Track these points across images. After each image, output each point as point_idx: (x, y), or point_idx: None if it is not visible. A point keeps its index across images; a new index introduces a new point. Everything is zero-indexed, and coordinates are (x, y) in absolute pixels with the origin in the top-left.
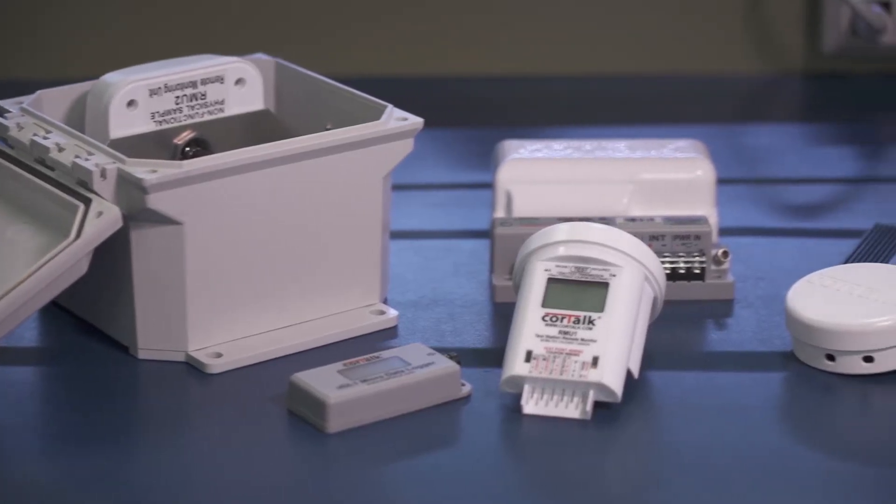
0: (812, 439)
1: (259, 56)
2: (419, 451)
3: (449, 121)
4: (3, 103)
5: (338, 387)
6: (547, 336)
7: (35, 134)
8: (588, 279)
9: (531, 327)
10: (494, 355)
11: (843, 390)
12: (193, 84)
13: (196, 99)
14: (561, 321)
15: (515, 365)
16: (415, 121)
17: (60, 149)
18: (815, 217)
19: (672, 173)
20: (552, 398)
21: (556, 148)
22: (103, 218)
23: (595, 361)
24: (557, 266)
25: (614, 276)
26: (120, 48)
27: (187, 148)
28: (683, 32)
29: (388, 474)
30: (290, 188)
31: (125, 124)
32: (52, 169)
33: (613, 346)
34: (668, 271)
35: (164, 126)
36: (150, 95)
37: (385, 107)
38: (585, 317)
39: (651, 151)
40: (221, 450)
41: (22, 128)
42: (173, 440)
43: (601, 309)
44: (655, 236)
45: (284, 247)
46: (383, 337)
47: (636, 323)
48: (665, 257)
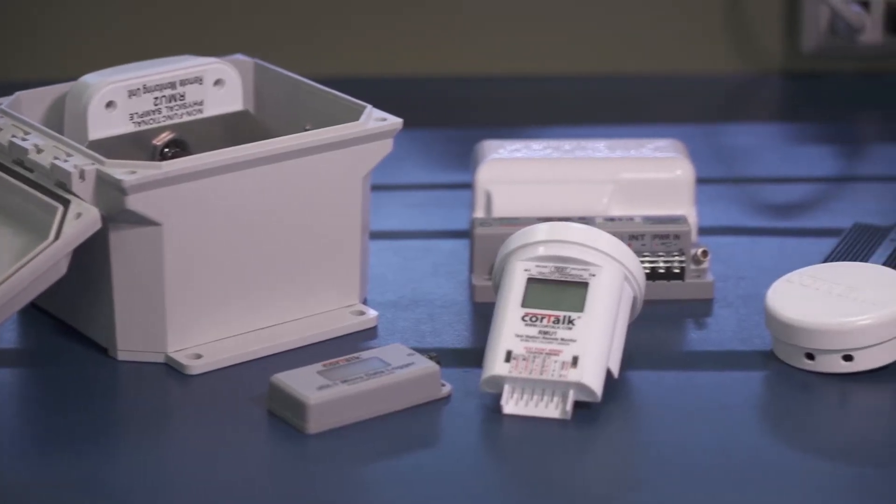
0: (792, 438)
1: (238, 57)
2: (399, 452)
3: (428, 121)
4: None
5: (318, 387)
6: (527, 336)
7: (13, 135)
8: (568, 279)
9: (511, 327)
10: (474, 355)
11: (823, 389)
12: (172, 85)
13: (175, 100)
14: (541, 321)
15: (495, 365)
16: (394, 121)
17: (39, 150)
18: (795, 216)
19: (651, 173)
20: (532, 398)
21: (536, 148)
22: (82, 219)
23: (575, 361)
24: (537, 266)
25: (594, 276)
26: (98, 49)
27: (166, 149)
28: (663, 32)
29: (369, 475)
30: (270, 189)
31: (104, 125)
32: (31, 170)
33: (593, 346)
34: (648, 271)
35: (143, 127)
36: (129, 96)
37: (364, 107)
38: (565, 316)
39: (630, 151)
40: (201, 451)
41: (0, 129)
42: (153, 442)
43: (581, 309)
44: (635, 236)
45: (264, 247)
46: (363, 337)
47: (616, 322)
48: (645, 257)
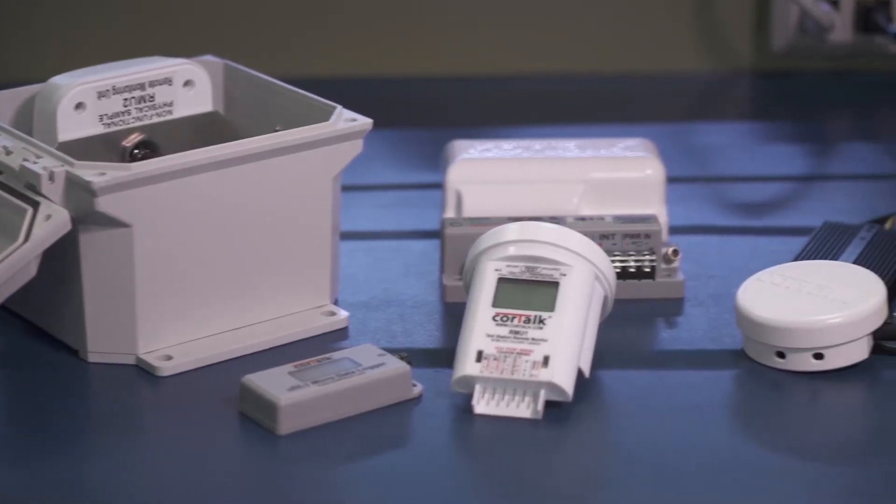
0: (762, 437)
1: (207, 58)
2: (371, 452)
3: (398, 121)
4: None
5: (289, 388)
6: (498, 336)
7: None
8: (538, 279)
9: (482, 327)
10: (445, 355)
11: (794, 387)
12: (142, 86)
13: (144, 101)
14: (511, 321)
15: (466, 365)
16: (364, 121)
17: (8, 152)
18: (765, 215)
19: (622, 172)
20: (503, 398)
21: (506, 148)
22: (52, 221)
23: (546, 361)
24: (508, 266)
25: (564, 276)
26: (68, 50)
27: (136, 150)
28: (632, 31)
29: (340, 475)
30: (240, 190)
31: (73, 127)
32: (0, 172)
33: (564, 346)
34: (619, 270)
35: (113, 128)
36: (99, 98)
37: (334, 108)
38: (536, 316)
39: (601, 150)
40: (172, 453)
41: None
42: (124, 443)
43: (552, 308)
44: (605, 235)
45: (234, 249)
46: (334, 338)
47: (587, 322)
48: (615, 256)
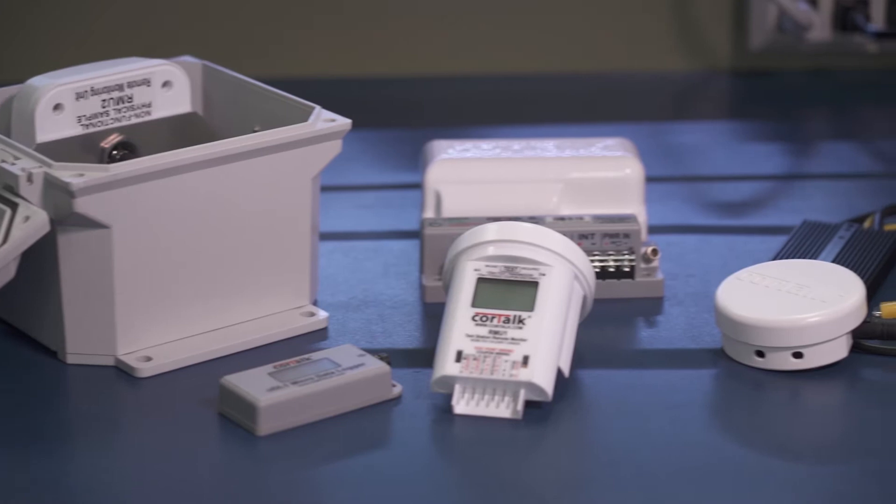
0: (742, 436)
1: (186, 58)
2: (351, 453)
3: (377, 121)
4: None
5: (268, 389)
6: (477, 336)
7: None
8: (518, 278)
9: (461, 327)
10: (425, 356)
11: (773, 386)
12: (120, 87)
13: (123, 102)
14: (491, 321)
15: (446, 365)
16: (343, 122)
17: None
18: (744, 214)
19: (601, 172)
20: (483, 398)
21: (485, 148)
22: (30, 222)
23: (525, 360)
24: (487, 266)
25: (544, 276)
26: (46, 52)
27: (114, 151)
28: (611, 31)
29: (320, 476)
30: (219, 191)
31: (52, 128)
32: None
33: (544, 345)
34: (598, 269)
35: (91, 130)
36: (77, 99)
37: (313, 108)
38: (515, 316)
39: (580, 150)
40: (152, 454)
41: None
42: (103, 445)
43: (531, 308)
44: (585, 235)
45: (213, 249)
46: (314, 339)
47: (566, 322)
48: (594, 256)
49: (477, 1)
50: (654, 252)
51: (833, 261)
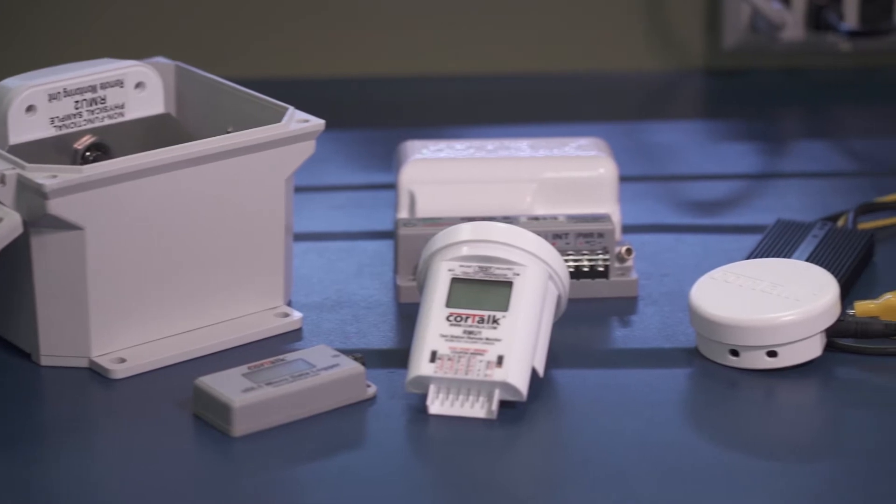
0: (716, 435)
1: (159, 59)
2: (325, 454)
3: (350, 122)
4: None
5: (242, 390)
6: (451, 336)
7: None
8: (492, 278)
9: (436, 327)
10: (399, 356)
11: (747, 385)
12: (93, 88)
13: (96, 103)
14: (465, 321)
15: (420, 365)
16: (316, 122)
17: None
18: (718, 213)
19: (575, 171)
20: (458, 398)
21: (459, 148)
22: (3, 224)
23: (500, 360)
24: (461, 266)
25: (518, 275)
26: (18, 53)
27: (87, 153)
28: (584, 30)
29: (295, 477)
30: (192, 192)
31: (24, 130)
32: None
33: (518, 345)
34: (572, 269)
35: (64, 131)
36: (50, 100)
37: (286, 109)
38: (490, 316)
39: (553, 150)
40: (126, 456)
41: None
42: (77, 447)
43: (505, 308)
44: (559, 234)
45: (187, 250)
46: (288, 339)
47: (540, 321)
48: (569, 255)
49: (450, 2)
50: (629, 251)
51: (807, 259)
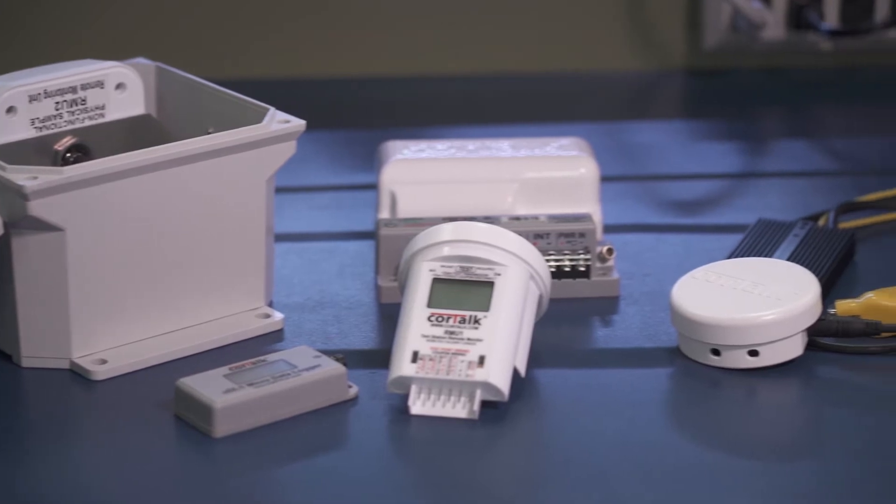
0: (698, 434)
1: (139, 60)
2: (307, 454)
3: (331, 122)
4: None
5: (224, 391)
6: (433, 336)
7: None
8: (473, 279)
9: (417, 328)
10: (381, 356)
11: (729, 384)
12: (73, 89)
13: (76, 104)
14: (447, 321)
15: (402, 365)
16: (297, 123)
17: None
18: (699, 213)
19: (556, 171)
20: (439, 398)
21: (440, 148)
22: None
23: (481, 361)
24: (442, 266)
25: (499, 276)
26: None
27: (68, 154)
28: (565, 30)
29: (277, 478)
30: (173, 192)
31: (5, 131)
32: None
33: (499, 345)
34: (554, 269)
35: (45, 132)
36: (30, 101)
37: (267, 109)
38: (471, 316)
39: (535, 150)
40: (108, 457)
41: None
42: (59, 448)
43: (487, 308)
44: (540, 234)
45: (168, 251)
46: (269, 340)
47: (522, 321)
48: (550, 255)
49: (430, 2)
50: (610, 251)
51: (788, 259)
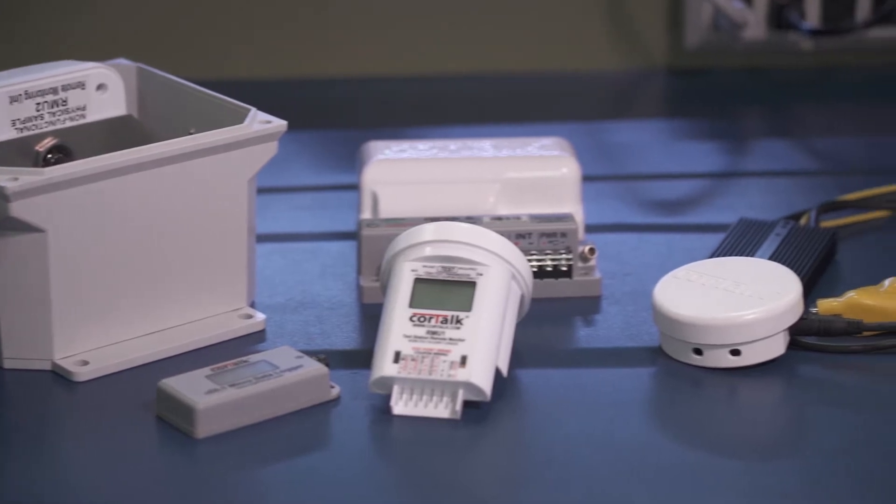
0: (680, 433)
1: (120, 61)
2: (290, 455)
3: (312, 123)
4: None
5: (206, 392)
6: (415, 336)
7: None
8: (455, 279)
9: (399, 328)
10: (363, 357)
11: (711, 384)
12: (54, 90)
13: (57, 105)
14: (429, 321)
15: (384, 366)
16: (278, 123)
17: None
18: (681, 212)
19: (538, 171)
20: (421, 398)
21: (422, 148)
22: None
23: (463, 361)
24: (424, 266)
25: (481, 275)
26: None
27: (49, 155)
28: (546, 30)
29: (259, 478)
30: (155, 193)
31: None
32: None
33: (481, 345)
34: (536, 269)
35: (26, 133)
36: (11, 103)
37: (248, 110)
38: (453, 316)
39: (516, 150)
40: (90, 459)
41: None
42: (41, 450)
43: (469, 308)
44: (522, 234)
45: (150, 252)
46: (251, 341)
47: (504, 321)
48: (532, 255)
49: (410, 2)
50: (592, 251)
51: (770, 258)
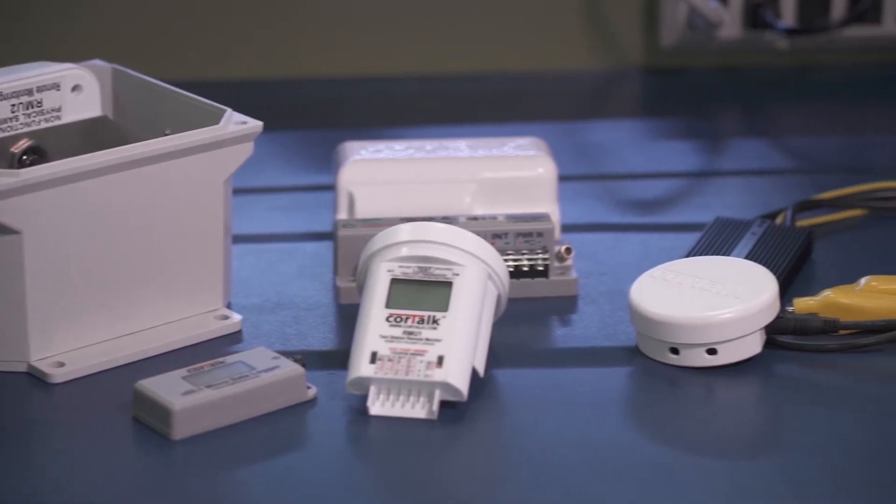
0: (657, 433)
1: (95, 62)
2: (266, 456)
3: (288, 123)
4: None
5: (182, 393)
6: (392, 337)
7: None
8: (431, 279)
9: (376, 328)
10: (340, 357)
11: (688, 383)
12: (29, 91)
13: (32, 107)
14: (405, 321)
15: (361, 366)
16: (254, 124)
17: None
18: (657, 212)
19: (513, 171)
20: (398, 399)
21: (398, 148)
22: None
23: (440, 361)
24: (400, 266)
25: (457, 276)
26: None
27: (24, 156)
28: (522, 30)
29: (236, 479)
30: (130, 194)
31: None
32: None
33: (458, 345)
34: (512, 269)
35: (0, 135)
36: None
37: (224, 111)
38: (430, 316)
39: (492, 150)
40: (67, 460)
41: None
42: (17, 452)
43: (445, 308)
44: (498, 234)
45: (126, 253)
46: (228, 342)
47: (480, 321)
48: (508, 255)
49: (387, 3)
50: (568, 251)
51: (746, 257)
